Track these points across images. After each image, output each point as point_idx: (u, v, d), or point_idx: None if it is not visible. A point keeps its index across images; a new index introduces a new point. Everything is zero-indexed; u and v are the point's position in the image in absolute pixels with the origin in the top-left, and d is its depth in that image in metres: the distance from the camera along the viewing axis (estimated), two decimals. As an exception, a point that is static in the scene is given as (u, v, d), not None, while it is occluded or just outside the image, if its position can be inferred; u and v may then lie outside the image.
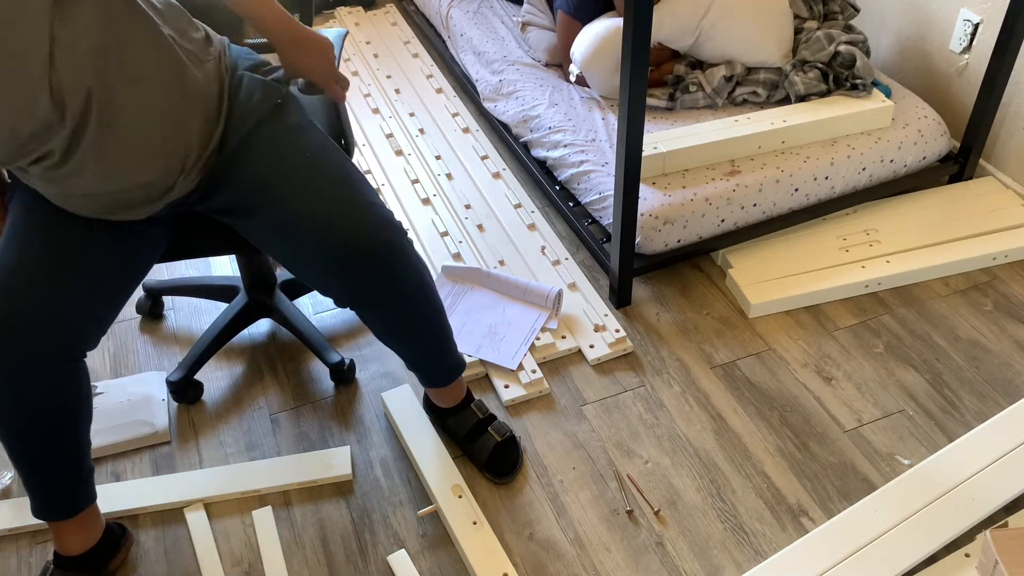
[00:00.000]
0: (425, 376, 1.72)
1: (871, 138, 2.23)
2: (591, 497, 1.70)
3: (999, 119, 2.33)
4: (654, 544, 1.62)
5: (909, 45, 2.53)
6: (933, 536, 1.56)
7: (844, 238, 2.21)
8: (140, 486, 1.73)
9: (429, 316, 1.57)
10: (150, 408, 1.86)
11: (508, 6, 2.95)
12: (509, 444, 1.74)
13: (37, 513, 1.47)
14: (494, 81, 2.62)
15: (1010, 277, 2.14)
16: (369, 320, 1.54)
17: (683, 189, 2.09)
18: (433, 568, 1.60)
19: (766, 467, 1.74)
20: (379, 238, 1.43)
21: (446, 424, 1.78)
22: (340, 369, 1.90)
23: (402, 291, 1.48)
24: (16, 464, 1.41)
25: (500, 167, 2.54)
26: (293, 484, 1.73)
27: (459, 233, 2.32)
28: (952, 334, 2.00)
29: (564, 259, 2.22)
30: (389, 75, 3.00)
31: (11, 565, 1.62)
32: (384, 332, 1.58)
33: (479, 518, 1.63)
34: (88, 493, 1.50)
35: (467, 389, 1.78)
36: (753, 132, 2.16)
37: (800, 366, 1.94)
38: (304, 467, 1.76)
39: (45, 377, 1.32)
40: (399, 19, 3.35)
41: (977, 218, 2.24)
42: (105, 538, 1.56)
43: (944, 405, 1.85)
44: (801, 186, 2.17)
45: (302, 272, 1.47)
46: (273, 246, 1.46)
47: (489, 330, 2.00)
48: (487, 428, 1.74)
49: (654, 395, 1.89)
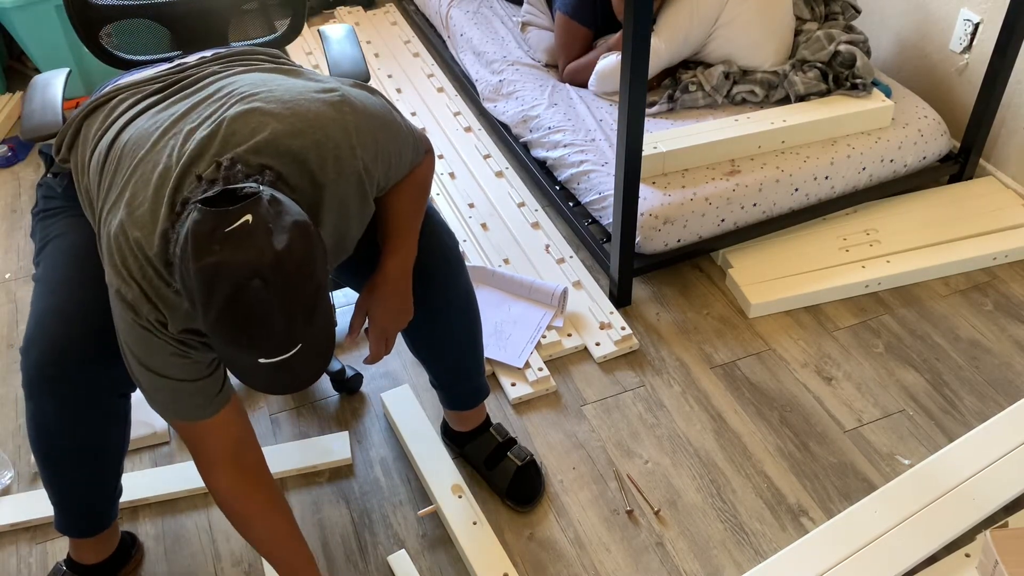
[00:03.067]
0: (450, 395, 1.68)
1: (871, 138, 2.23)
2: (591, 497, 1.70)
3: (999, 119, 2.33)
4: (654, 544, 1.62)
5: (909, 45, 2.53)
6: (933, 536, 1.56)
7: (844, 238, 2.21)
8: (137, 478, 1.73)
9: (469, 329, 1.56)
10: (149, 409, 1.86)
11: (508, 6, 2.95)
12: (530, 469, 1.70)
13: (61, 529, 1.47)
14: (494, 81, 2.62)
15: (1010, 277, 2.14)
16: (409, 326, 1.49)
17: (683, 189, 2.09)
18: (433, 568, 1.60)
19: (766, 467, 1.74)
20: (433, 243, 1.43)
21: (464, 451, 1.74)
22: (341, 378, 1.89)
23: (450, 299, 1.48)
24: (49, 486, 1.41)
25: (503, 166, 2.54)
26: (293, 470, 1.73)
27: (463, 232, 2.32)
28: (952, 334, 2.00)
29: (569, 257, 2.22)
30: (390, 75, 3.00)
31: (11, 565, 1.62)
32: (421, 340, 1.55)
33: (479, 518, 1.63)
34: (114, 513, 1.51)
35: (487, 413, 1.75)
36: (753, 132, 2.16)
37: (800, 366, 1.94)
38: (304, 453, 1.76)
39: (97, 410, 1.33)
40: (399, 19, 3.35)
41: (977, 218, 2.24)
42: (118, 549, 1.57)
43: (944, 405, 1.85)
44: (801, 186, 2.17)
45: (344, 270, 1.47)
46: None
47: (495, 328, 2.00)
48: (507, 453, 1.70)
49: (654, 395, 1.89)
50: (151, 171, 1.13)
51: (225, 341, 1.01)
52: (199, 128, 1.14)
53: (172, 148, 1.14)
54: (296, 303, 1.01)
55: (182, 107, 1.19)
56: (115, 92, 1.30)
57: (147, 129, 1.18)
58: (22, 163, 2.71)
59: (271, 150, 1.12)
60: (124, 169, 1.16)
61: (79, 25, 1.64)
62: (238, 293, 0.97)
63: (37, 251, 1.39)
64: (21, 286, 2.24)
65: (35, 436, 1.34)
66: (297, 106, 1.16)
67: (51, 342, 1.27)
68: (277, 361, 1.02)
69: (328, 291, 1.11)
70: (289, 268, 0.99)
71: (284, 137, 1.13)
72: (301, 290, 1.01)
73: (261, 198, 1.00)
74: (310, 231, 1.04)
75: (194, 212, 1.00)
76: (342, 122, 1.17)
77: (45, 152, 1.43)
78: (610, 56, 2.36)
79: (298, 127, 1.14)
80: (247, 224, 0.98)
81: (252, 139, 1.12)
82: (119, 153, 1.18)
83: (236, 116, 1.14)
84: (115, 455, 1.42)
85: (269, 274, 0.98)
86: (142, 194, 1.12)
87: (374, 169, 1.21)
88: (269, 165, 1.11)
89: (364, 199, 1.21)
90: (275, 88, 1.19)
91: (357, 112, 1.20)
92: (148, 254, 1.10)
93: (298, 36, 1.81)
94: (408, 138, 1.31)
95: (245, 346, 1.00)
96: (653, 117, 2.31)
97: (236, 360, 1.03)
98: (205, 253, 0.97)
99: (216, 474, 1.30)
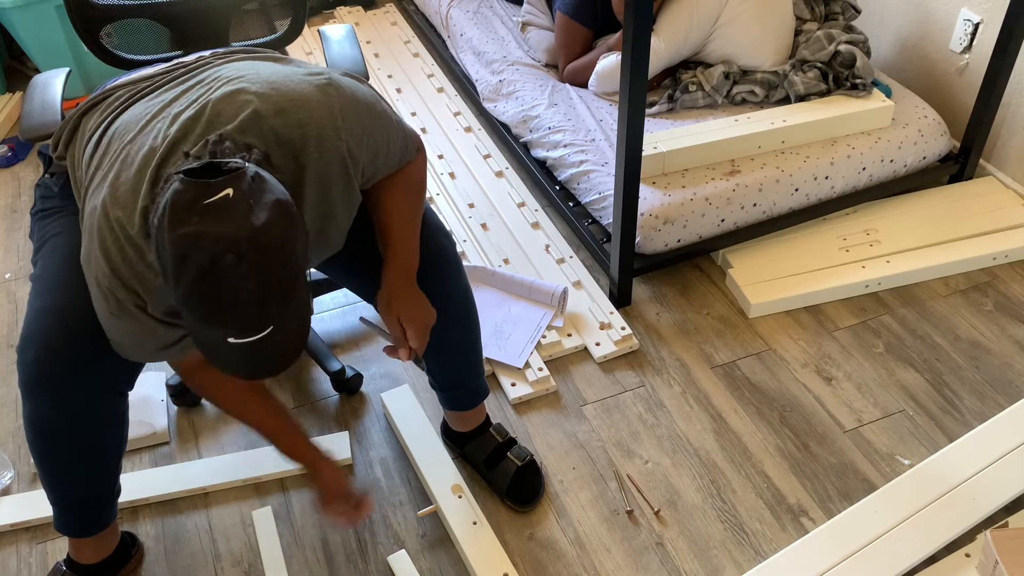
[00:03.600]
0: (450, 396, 1.68)
1: (871, 138, 2.23)
2: (591, 497, 1.70)
3: (999, 119, 2.33)
4: (654, 544, 1.62)
5: (909, 45, 2.53)
6: (933, 536, 1.56)
7: (844, 238, 2.21)
8: (137, 478, 1.73)
9: (468, 331, 1.56)
10: (149, 409, 1.87)
11: (508, 6, 2.95)
12: (530, 469, 1.70)
13: (61, 529, 1.47)
14: (494, 81, 2.62)
15: (1010, 277, 2.14)
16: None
17: (683, 189, 2.09)
18: (433, 568, 1.60)
19: (766, 467, 1.74)
20: (431, 244, 1.43)
21: (464, 451, 1.74)
22: (341, 378, 1.89)
23: (448, 300, 1.48)
24: (48, 486, 1.41)
25: (503, 166, 2.54)
26: (293, 470, 1.73)
27: (463, 232, 2.32)
28: (952, 334, 2.00)
29: (569, 257, 2.22)
30: (390, 75, 3.00)
31: (11, 565, 1.62)
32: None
33: (479, 518, 1.63)
34: (112, 512, 1.51)
35: (486, 414, 1.75)
36: (753, 132, 2.16)
37: (800, 366, 1.94)
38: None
39: (94, 409, 1.33)
40: (399, 19, 3.35)
41: (977, 218, 2.24)
42: (118, 549, 1.57)
43: (944, 405, 1.85)
44: (801, 186, 2.17)
45: (342, 270, 1.47)
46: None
47: (495, 328, 2.00)
48: (506, 453, 1.70)
49: (654, 395, 1.89)
50: (136, 152, 1.13)
51: (194, 315, 0.99)
52: (185, 110, 1.14)
53: (159, 131, 1.13)
54: (270, 282, 0.99)
55: (171, 94, 1.20)
56: (113, 89, 1.31)
57: (136, 115, 1.18)
58: (22, 163, 2.71)
59: (255, 129, 1.11)
60: (112, 152, 1.16)
61: (79, 25, 1.64)
62: (212, 266, 0.96)
63: (35, 251, 1.39)
64: (21, 286, 2.24)
65: (32, 435, 1.34)
66: (282, 86, 1.15)
67: (47, 341, 1.27)
68: (247, 342, 1.01)
69: (306, 277, 1.10)
70: (266, 245, 0.98)
71: (267, 116, 1.12)
72: (276, 270, 0.99)
73: (245, 173, 0.99)
74: (291, 211, 1.02)
75: (176, 182, 0.99)
76: (327, 103, 1.16)
77: (44, 153, 1.43)
78: (610, 56, 2.36)
79: (282, 106, 1.13)
80: (227, 197, 0.97)
81: (237, 118, 1.11)
82: (109, 139, 1.19)
83: (221, 97, 1.13)
84: (113, 454, 1.42)
85: (245, 249, 0.97)
86: (125, 173, 1.11)
87: (359, 153, 1.20)
88: (254, 145, 1.10)
89: (348, 183, 1.20)
90: (262, 71, 1.19)
91: (344, 95, 1.19)
92: (129, 232, 1.09)
93: (298, 36, 1.81)
94: (397, 131, 1.30)
95: (214, 322, 0.99)
96: (653, 117, 2.31)
97: (206, 338, 1.02)
98: (182, 223, 0.96)
99: (194, 378, 1.36)
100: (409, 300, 1.38)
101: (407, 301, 1.37)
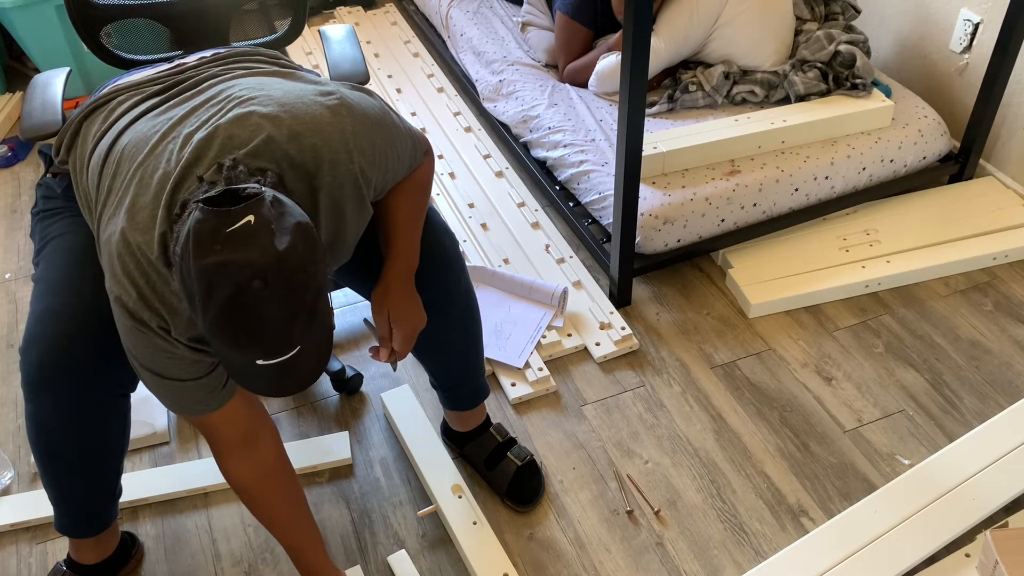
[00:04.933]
0: (450, 395, 1.68)
1: (871, 138, 2.23)
2: (591, 497, 1.70)
3: (999, 119, 2.33)
4: (654, 544, 1.62)
5: (909, 45, 2.53)
6: (933, 536, 1.56)
7: (844, 238, 2.21)
8: (137, 478, 1.73)
9: (469, 330, 1.56)
10: (149, 409, 1.87)
11: (508, 6, 2.95)
12: (530, 469, 1.70)
13: (61, 529, 1.47)
14: (494, 81, 2.62)
15: (1010, 277, 2.14)
16: None
17: (683, 189, 2.09)
18: (433, 568, 1.60)
19: (766, 467, 1.74)
20: (433, 244, 1.43)
21: (464, 451, 1.74)
22: (341, 378, 1.89)
23: (450, 299, 1.48)
24: (49, 486, 1.41)
25: (503, 166, 2.54)
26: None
27: (463, 232, 2.32)
28: (952, 334, 2.00)
29: (569, 257, 2.22)
30: (390, 75, 3.00)
31: (11, 565, 1.62)
32: (422, 341, 1.54)
33: (479, 518, 1.63)
34: (113, 512, 1.51)
35: (487, 413, 1.75)
36: (753, 132, 2.16)
37: (800, 366, 1.94)
38: (304, 453, 1.76)
39: (96, 410, 1.33)
40: (399, 19, 3.35)
41: (977, 218, 2.24)
42: (118, 549, 1.57)
43: (944, 405, 1.85)
44: (801, 186, 2.17)
45: (344, 272, 1.46)
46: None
47: (495, 328, 2.00)
48: (507, 453, 1.70)
49: (654, 395, 1.89)
50: (150, 175, 1.13)
51: (223, 342, 1.00)
52: (197, 132, 1.14)
53: (171, 152, 1.13)
54: (297, 305, 1.00)
55: (180, 111, 1.19)
56: (114, 93, 1.30)
57: (145, 133, 1.18)
58: (22, 163, 2.71)
59: (268, 154, 1.12)
60: (123, 173, 1.16)
61: (79, 25, 1.64)
62: (239, 294, 0.97)
63: (36, 251, 1.39)
64: (21, 286, 2.24)
65: (35, 436, 1.34)
66: (294, 109, 1.15)
67: (51, 342, 1.27)
68: (275, 363, 1.02)
69: (327, 293, 1.11)
70: (291, 269, 0.99)
71: (281, 141, 1.13)
72: (302, 292, 1.00)
73: (264, 198, 1.00)
74: (312, 233, 1.03)
75: (196, 211, 0.99)
76: (339, 126, 1.17)
77: (45, 152, 1.43)
78: (610, 56, 2.36)
79: (295, 130, 1.14)
80: (249, 224, 0.98)
81: (250, 143, 1.11)
82: (118, 157, 1.18)
83: (233, 120, 1.13)
84: (115, 455, 1.42)
85: (271, 275, 0.97)
86: (142, 199, 1.12)
87: (371, 173, 1.21)
88: (268, 168, 1.11)
89: (361, 203, 1.21)
90: (273, 91, 1.18)
91: (355, 116, 1.19)
92: (151, 258, 1.10)
93: (298, 36, 1.81)
94: (406, 140, 1.30)
95: (244, 347, 1.00)
96: (653, 117, 2.32)
97: (234, 361, 1.03)
98: (207, 252, 0.97)
99: (226, 462, 1.32)
100: (402, 300, 1.38)
101: (400, 300, 1.37)
